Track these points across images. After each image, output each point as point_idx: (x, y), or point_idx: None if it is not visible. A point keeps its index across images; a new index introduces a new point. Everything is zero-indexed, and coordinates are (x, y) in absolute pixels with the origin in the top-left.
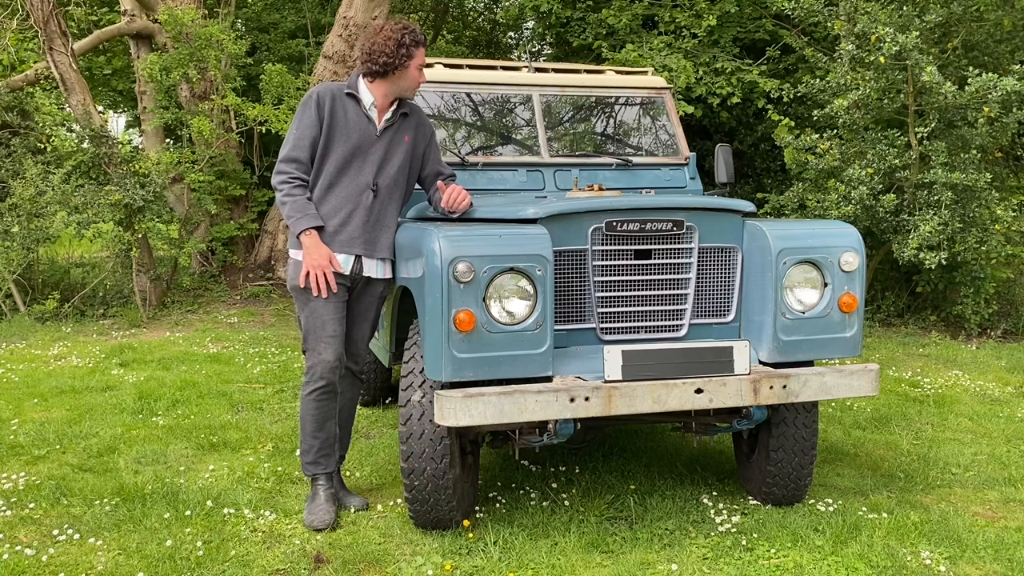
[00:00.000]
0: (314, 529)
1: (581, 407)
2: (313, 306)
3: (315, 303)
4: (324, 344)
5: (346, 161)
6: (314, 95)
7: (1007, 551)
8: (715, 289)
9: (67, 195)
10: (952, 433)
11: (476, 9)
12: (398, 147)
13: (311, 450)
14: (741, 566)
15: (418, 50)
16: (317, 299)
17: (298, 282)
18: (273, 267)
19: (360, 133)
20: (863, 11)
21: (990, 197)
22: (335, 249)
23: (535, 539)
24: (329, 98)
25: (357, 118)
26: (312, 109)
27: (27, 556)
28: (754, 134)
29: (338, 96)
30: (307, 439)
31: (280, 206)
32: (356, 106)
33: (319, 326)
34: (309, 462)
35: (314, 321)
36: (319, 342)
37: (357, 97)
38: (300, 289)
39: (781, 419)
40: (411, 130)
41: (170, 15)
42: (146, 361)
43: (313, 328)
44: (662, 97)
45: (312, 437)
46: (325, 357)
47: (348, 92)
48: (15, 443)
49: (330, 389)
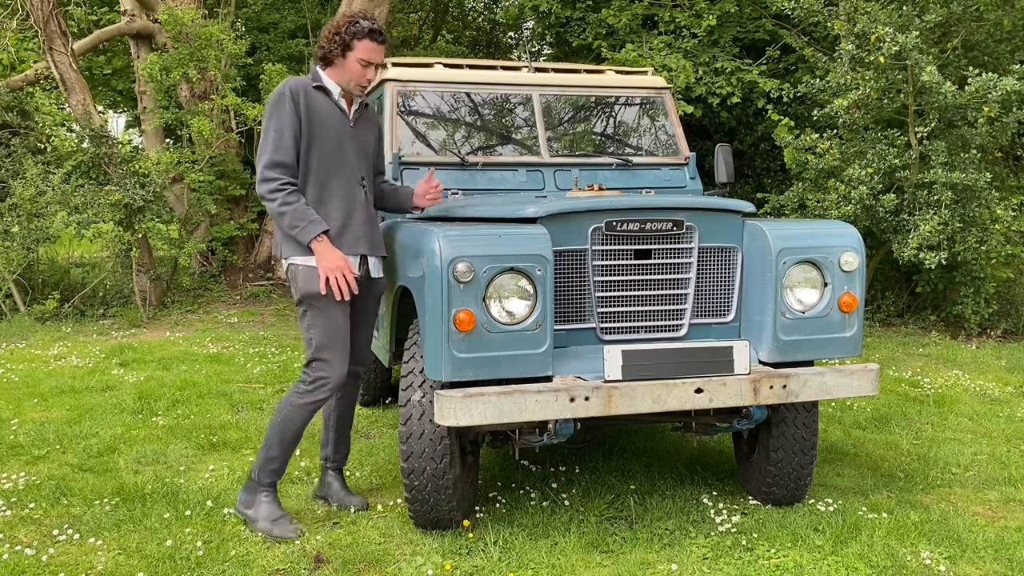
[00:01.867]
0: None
1: (581, 407)
2: (331, 314)
3: (333, 311)
4: (340, 356)
5: (332, 156)
6: (285, 90)
7: (1007, 551)
8: (715, 289)
9: (67, 195)
10: (952, 433)
11: (476, 9)
12: (368, 138)
13: (281, 457)
14: (741, 566)
15: (359, 43)
16: (335, 308)
17: (317, 289)
18: (273, 267)
19: (338, 125)
20: (863, 11)
21: (990, 197)
22: (343, 251)
23: (535, 539)
24: (302, 92)
25: (330, 110)
26: (287, 105)
27: (27, 556)
28: (754, 134)
29: (308, 90)
30: (283, 448)
31: (278, 217)
32: (326, 98)
33: (337, 336)
34: (274, 469)
35: (332, 331)
36: (335, 354)
37: (325, 88)
38: (318, 297)
39: (781, 419)
40: (370, 123)
41: (170, 15)
42: (146, 361)
43: (330, 339)
44: (662, 97)
45: (289, 446)
46: (341, 370)
47: (316, 85)
48: (15, 443)
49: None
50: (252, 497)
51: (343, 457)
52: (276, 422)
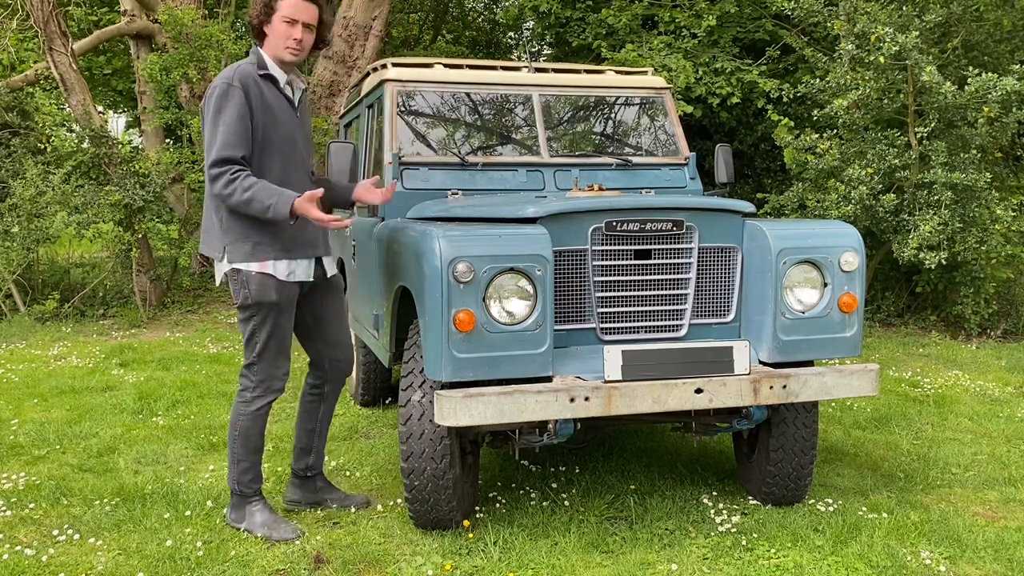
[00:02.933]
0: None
1: (581, 407)
2: (279, 321)
3: (281, 319)
4: (284, 358)
5: (287, 152)
6: (234, 81)
7: (1007, 551)
8: (715, 289)
9: (67, 195)
10: (952, 433)
11: (476, 9)
12: (308, 125)
13: (253, 467)
14: (741, 566)
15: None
16: (284, 314)
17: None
18: None
19: (287, 117)
20: (863, 11)
21: (990, 197)
22: (297, 255)
23: (535, 539)
24: (252, 83)
25: (277, 99)
26: (238, 99)
27: (27, 556)
28: (754, 134)
29: (255, 79)
30: (248, 457)
31: (244, 205)
32: (273, 87)
33: (280, 341)
34: (250, 479)
35: (278, 335)
36: (279, 356)
37: (272, 76)
38: (272, 304)
39: (781, 419)
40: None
41: (170, 15)
42: (146, 361)
43: (274, 344)
44: (662, 97)
45: (254, 453)
46: (284, 370)
47: (263, 73)
48: (15, 443)
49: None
50: (241, 512)
51: (322, 462)
52: (235, 436)
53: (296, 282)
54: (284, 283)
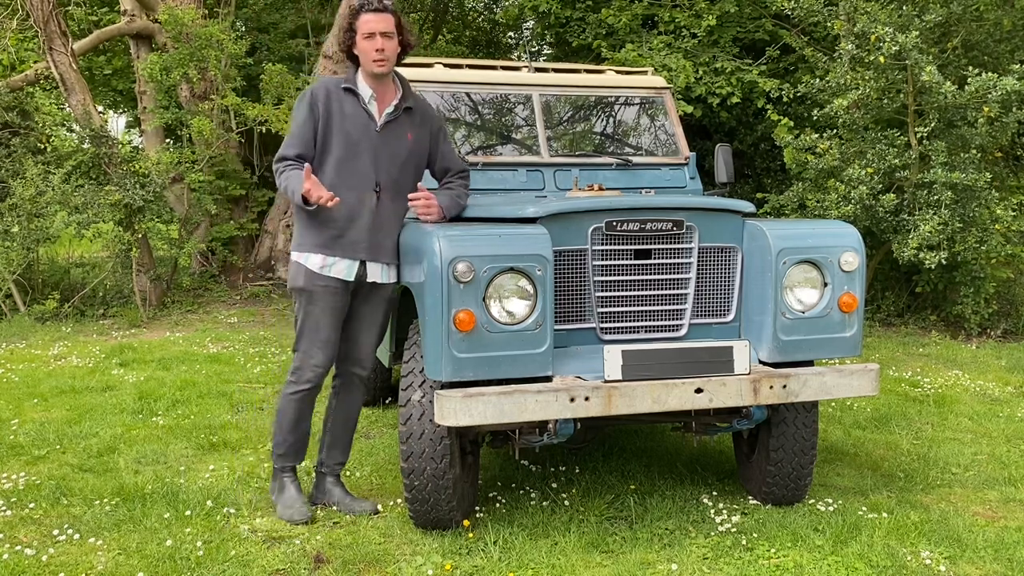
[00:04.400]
0: (293, 522)
1: (581, 407)
2: (311, 309)
3: (312, 307)
4: (317, 348)
5: (343, 160)
6: (308, 92)
7: (1007, 551)
8: (715, 289)
9: (67, 195)
10: (952, 433)
11: (476, 9)
12: (401, 143)
13: (284, 443)
14: (741, 566)
15: (357, 19)
16: (317, 304)
17: (300, 283)
18: (273, 267)
19: (360, 129)
20: (863, 11)
21: (990, 197)
22: (336, 253)
23: (535, 539)
24: (323, 94)
25: (355, 112)
26: (305, 107)
27: (27, 556)
28: (754, 134)
29: (334, 91)
30: (282, 435)
31: (284, 192)
32: (355, 101)
33: (314, 329)
34: (281, 454)
35: (311, 324)
36: (312, 345)
37: (356, 92)
38: (301, 290)
39: (781, 419)
40: (415, 127)
41: (170, 15)
42: (146, 361)
43: (308, 330)
44: (662, 97)
45: (289, 433)
46: (315, 361)
47: (345, 87)
48: (15, 443)
49: (313, 392)
50: (276, 483)
51: (336, 463)
52: (277, 410)
53: (332, 277)
54: (315, 273)
